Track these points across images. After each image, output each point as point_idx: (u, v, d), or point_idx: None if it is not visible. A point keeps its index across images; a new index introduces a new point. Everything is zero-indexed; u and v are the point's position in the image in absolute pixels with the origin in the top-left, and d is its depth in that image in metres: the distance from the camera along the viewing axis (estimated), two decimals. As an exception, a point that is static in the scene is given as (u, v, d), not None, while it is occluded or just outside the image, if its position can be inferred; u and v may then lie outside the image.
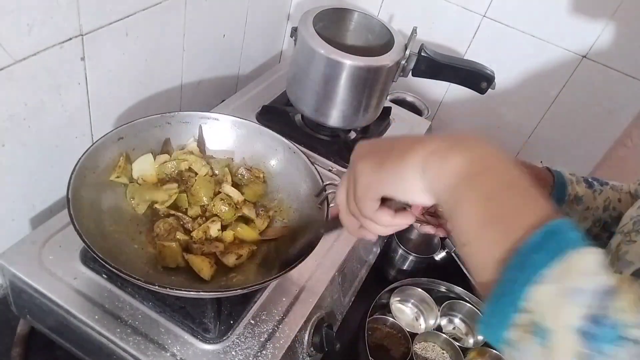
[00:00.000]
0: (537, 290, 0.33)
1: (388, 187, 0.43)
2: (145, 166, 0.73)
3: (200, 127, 0.79)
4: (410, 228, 1.03)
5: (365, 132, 1.05)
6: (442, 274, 0.97)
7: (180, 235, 0.69)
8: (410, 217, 0.48)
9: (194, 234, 0.70)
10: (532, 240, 0.34)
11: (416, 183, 0.41)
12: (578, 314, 0.31)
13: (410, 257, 0.97)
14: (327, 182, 0.73)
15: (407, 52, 0.93)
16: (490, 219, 0.38)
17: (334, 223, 0.55)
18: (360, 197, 0.44)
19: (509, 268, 0.34)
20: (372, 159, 0.43)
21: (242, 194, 0.76)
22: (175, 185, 0.73)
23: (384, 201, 0.46)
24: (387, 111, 1.10)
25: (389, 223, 0.47)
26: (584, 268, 0.33)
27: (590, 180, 0.75)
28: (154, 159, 0.75)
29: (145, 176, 0.73)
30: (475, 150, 0.40)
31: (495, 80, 0.96)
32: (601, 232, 0.73)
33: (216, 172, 0.78)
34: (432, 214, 0.78)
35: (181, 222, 0.71)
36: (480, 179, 0.39)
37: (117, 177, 0.70)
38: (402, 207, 0.48)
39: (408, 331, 0.86)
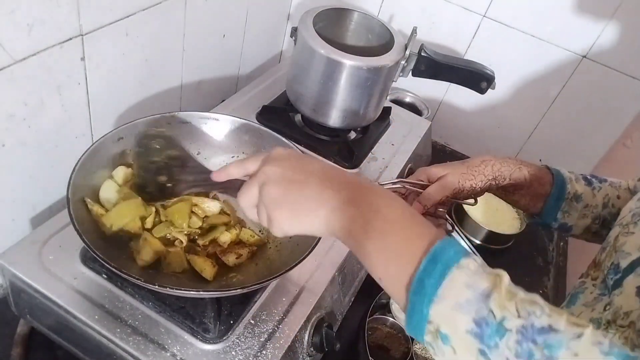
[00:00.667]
0: (435, 308, 0.41)
1: (298, 233, 0.51)
2: (109, 195, 0.69)
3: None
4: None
5: (365, 132, 1.05)
6: (442, 274, 0.97)
7: (181, 236, 0.69)
8: None
9: (199, 240, 0.70)
10: (422, 267, 0.42)
11: (321, 232, 0.49)
12: (467, 321, 0.39)
13: (410, 257, 0.96)
14: None
15: (407, 52, 0.93)
16: (388, 256, 0.45)
17: None
18: (272, 229, 0.51)
19: (412, 294, 0.42)
20: (287, 210, 0.49)
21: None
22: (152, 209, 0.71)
23: None
24: (387, 111, 1.10)
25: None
26: (464, 280, 0.41)
27: (589, 177, 0.75)
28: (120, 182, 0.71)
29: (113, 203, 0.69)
30: (365, 201, 0.48)
31: (495, 80, 0.96)
32: (601, 229, 0.73)
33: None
34: (432, 214, 0.78)
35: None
36: (373, 224, 0.46)
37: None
38: None
39: (408, 331, 0.86)
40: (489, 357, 0.39)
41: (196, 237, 0.71)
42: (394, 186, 0.75)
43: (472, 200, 0.77)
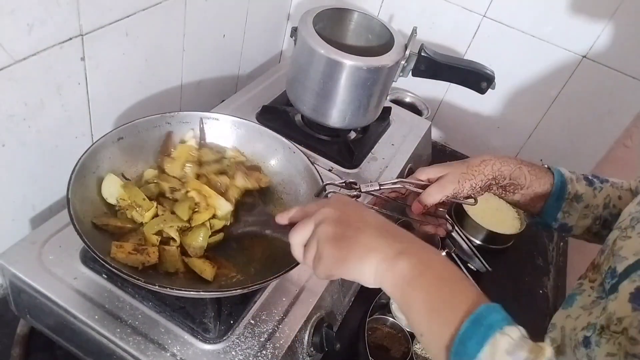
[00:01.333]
0: None
1: (345, 277, 0.52)
2: (112, 190, 0.69)
3: (201, 119, 0.79)
4: (411, 228, 1.03)
5: (365, 132, 1.05)
6: (442, 274, 0.97)
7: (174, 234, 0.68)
8: None
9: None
10: (465, 329, 0.43)
11: (369, 281, 0.51)
12: None
13: (410, 257, 0.96)
14: (327, 182, 0.74)
15: (407, 52, 0.93)
16: (432, 312, 0.46)
17: None
18: (319, 267, 0.52)
19: (453, 354, 0.43)
20: (338, 250, 0.51)
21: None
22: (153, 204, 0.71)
23: None
24: (387, 111, 1.10)
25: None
26: (507, 347, 0.41)
27: (590, 177, 0.75)
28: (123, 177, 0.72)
29: (117, 198, 0.69)
30: (416, 255, 0.49)
31: (495, 80, 0.96)
32: (601, 230, 0.73)
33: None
34: (432, 214, 0.78)
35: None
36: (421, 279, 0.48)
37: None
38: None
39: (408, 331, 0.86)
40: None
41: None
42: (394, 186, 0.75)
43: (472, 200, 0.77)
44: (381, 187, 0.74)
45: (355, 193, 0.74)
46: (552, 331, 0.60)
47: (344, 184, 0.75)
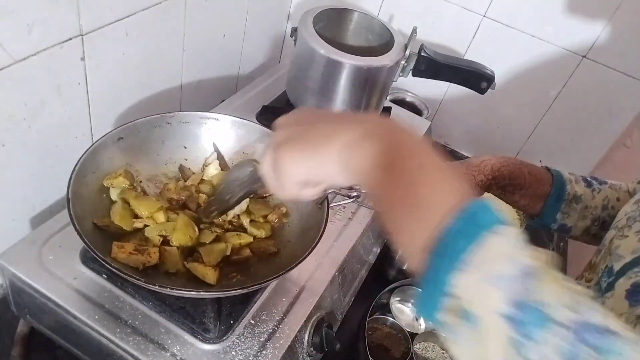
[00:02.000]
0: (460, 277, 0.33)
1: (309, 176, 0.44)
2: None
3: (215, 144, 0.80)
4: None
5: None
6: (442, 274, 0.97)
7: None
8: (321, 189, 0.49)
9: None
10: (450, 225, 0.35)
11: (337, 173, 0.42)
12: (503, 300, 0.32)
13: (410, 257, 0.96)
14: None
15: (407, 52, 0.93)
16: (409, 206, 0.38)
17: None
18: (282, 183, 0.46)
19: (433, 255, 0.35)
20: (293, 149, 0.44)
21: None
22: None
23: None
24: (387, 111, 1.10)
25: (312, 195, 0.49)
26: (503, 250, 0.33)
27: (589, 179, 0.75)
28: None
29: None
30: (388, 138, 0.41)
31: (495, 80, 0.96)
32: (600, 231, 0.73)
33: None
34: None
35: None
36: (394, 167, 0.39)
37: (110, 184, 0.69)
38: None
39: (408, 331, 0.86)
40: (520, 351, 0.31)
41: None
42: None
43: None
44: None
45: (355, 193, 0.74)
46: None
47: None
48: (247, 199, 0.73)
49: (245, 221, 0.74)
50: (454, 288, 0.33)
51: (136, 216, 0.69)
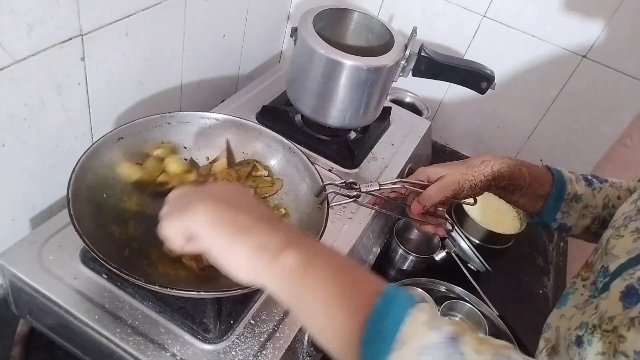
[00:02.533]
0: (397, 356, 0.36)
1: (212, 250, 0.46)
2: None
3: (228, 140, 0.81)
4: (411, 228, 1.03)
5: (365, 132, 1.05)
6: (442, 274, 0.97)
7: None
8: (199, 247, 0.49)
9: None
10: (377, 308, 0.38)
11: (243, 271, 0.44)
12: None
13: (410, 257, 0.97)
14: (327, 182, 0.74)
15: (407, 52, 0.93)
16: (334, 301, 0.40)
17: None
18: (168, 238, 0.49)
19: (366, 342, 0.37)
20: (211, 210, 0.46)
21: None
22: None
23: None
24: (387, 111, 1.10)
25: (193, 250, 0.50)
26: (425, 321, 0.37)
27: (589, 178, 0.75)
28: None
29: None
30: (303, 245, 0.43)
31: (495, 80, 0.96)
32: (600, 230, 0.73)
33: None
34: (432, 214, 0.78)
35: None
36: (314, 265, 0.42)
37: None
38: None
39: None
40: None
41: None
42: (393, 186, 0.75)
43: (471, 200, 0.77)
44: (381, 187, 0.74)
45: (355, 193, 0.74)
46: (547, 331, 0.60)
47: (343, 184, 0.75)
48: None
49: None
50: None
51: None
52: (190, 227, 0.46)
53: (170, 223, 0.48)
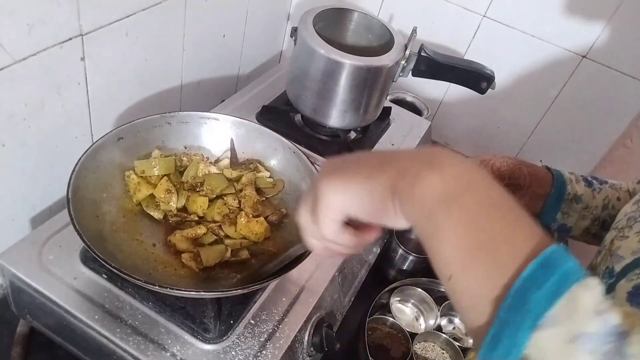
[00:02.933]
0: (541, 336, 0.29)
1: (353, 208, 0.38)
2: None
3: (232, 140, 0.81)
4: (410, 228, 1.03)
5: (365, 132, 1.05)
6: (442, 274, 0.97)
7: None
8: (375, 231, 0.43)
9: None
10: (529, 273, 0.30)
11: (386, 206, 0.37)
12: None
13: (410, 257, 0.97)
14: None
15: (407, 52, 0.93)
16: (476, 247, 0.33)
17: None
18: (319, 218, 0.40)
19: (505, 308, 0.30)
20: (336, 178, 0.38)
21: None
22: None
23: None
24: (387, 111, 1.10)
25: (353, 243, 0.43)
26: (589, 306, 0.29)
27: (589, 179, 0.75)
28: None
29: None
30: (450, 168, 0.35)
31: (495, 80, 0.96)
32: (600, 231, 0.73)
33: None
34: None
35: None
36: (459, 200, 0.34)
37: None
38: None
39: (408, 331, 0.86)
40: None
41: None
42: None
43: None
44: None
45: None
46: None
47: None
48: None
49: (243, 220, 0.74)
50: (531, 349, 0.29)
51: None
52: (326, 209, 0.39)
53: (334, 195, 0.38)
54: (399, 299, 0.95)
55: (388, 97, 1.15)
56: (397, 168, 0.36)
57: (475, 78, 0.96)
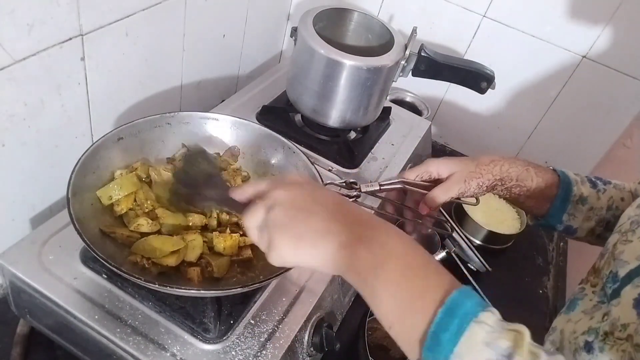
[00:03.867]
0: None
1: (299, 264, 0.48)
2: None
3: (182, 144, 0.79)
4: (410, 228, 1.03)
5: (365, 132, 1.05)
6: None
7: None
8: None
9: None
10: (439, 319, 0.39)
11: (327, 267, 0.46)
12: None
13: (410, 257, 0.96)
14: (327, 182, 0.73)
15: (407, 52, 0.93)
16: (402, 304, 0.43)
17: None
18: (272, 258, 0.48)
19: (426, 349, 0.40)
20: (287, 235, 0.47)
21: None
22: None
23: None
24: (387, 111, 1.10)
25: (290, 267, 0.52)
26: (482, 339, 0.38)
27: (593, 179, 0.75)
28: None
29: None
30: (378, 241, 0.45)
31: (495, 80, 0.96)
32: (604, 232, 0.73)
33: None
34: (430, 215, 0.77)
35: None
36: (386, 269, 0.44)
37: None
38: None
39: (408, 331, 0.86)
40: None
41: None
42: (394, 186, 0.74)
43: (473, 200, 0.77)
44: (381, 187, 0.74)
45: (355, 193, 0.74)
46: (552, 334, 0.60)
47: (344, 184, 0.74)
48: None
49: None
50: None
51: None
52: (277, 261, 0.48)
53: (289, 251, 0.48)
54: (399, 299, 0.95)
55: (388, 97, 1.15)
56: (337, 242, 0.45)
57: (475, 78, 0.96)
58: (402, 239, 0.47)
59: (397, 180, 0.74)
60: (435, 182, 0.74)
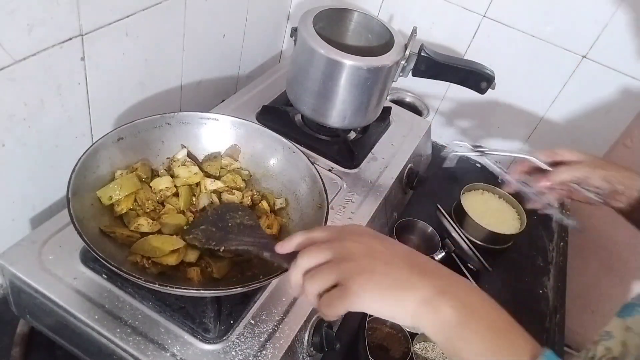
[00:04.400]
0: None
1: (378, 314, 0.47)
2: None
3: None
4: (410, 228, 1.03)
5: (365, 132, 1.05)
6: (442, 274, 0.97)
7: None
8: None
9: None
10: None
11: (405, 320, 0.47)
12: None
13: (410, 257, 0.96)
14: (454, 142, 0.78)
15: (407, 52, 0.93)
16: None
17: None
18: (338, 308, 0.48)
19: None
20: (372, 286, 0.47)
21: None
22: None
23: None
24: (387, 111, 1.10)
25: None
26: None
27: None
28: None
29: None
30: (459, 297, 0.46)
31: (495, 80, 0.96)
32: None
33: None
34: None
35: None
36: (469, 327, 0.44)
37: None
38: None
39: (408, 331, 0.86)
40: None
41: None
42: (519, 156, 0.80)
43: (593, 196, 0.78)
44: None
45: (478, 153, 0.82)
46: (609, 340, 0.56)
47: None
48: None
49: None
50: None
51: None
52: (353, 307, 0.48)
53: (370, 301, 0.47)
54: (399, 299, 0.95)
55: (388, 97, 1.15)
56: (418, 298, 0.46)
57: (475, 78, 0.96)
58: (481, 295, 0.47)
59: (526, 156, 0.80)
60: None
